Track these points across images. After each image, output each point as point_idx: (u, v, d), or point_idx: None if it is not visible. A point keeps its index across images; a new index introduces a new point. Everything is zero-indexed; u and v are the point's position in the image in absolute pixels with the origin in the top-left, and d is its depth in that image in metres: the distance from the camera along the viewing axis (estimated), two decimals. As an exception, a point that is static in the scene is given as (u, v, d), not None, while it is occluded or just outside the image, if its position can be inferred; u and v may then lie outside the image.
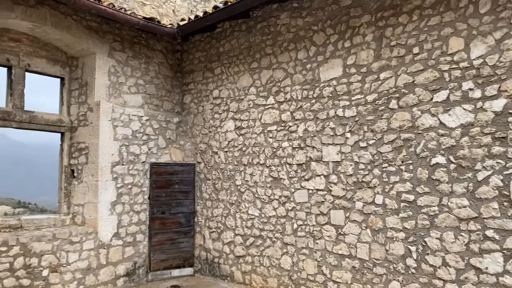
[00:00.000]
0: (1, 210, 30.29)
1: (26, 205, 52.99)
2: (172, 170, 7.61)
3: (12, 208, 37.00)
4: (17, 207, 52.89)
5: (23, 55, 6.42)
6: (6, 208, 34.58)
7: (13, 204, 57.18)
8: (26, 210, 48.77)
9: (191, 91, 8.00)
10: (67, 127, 6.95)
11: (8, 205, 43.76)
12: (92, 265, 6.42)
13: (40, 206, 51.81)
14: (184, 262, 7.61)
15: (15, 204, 55.24)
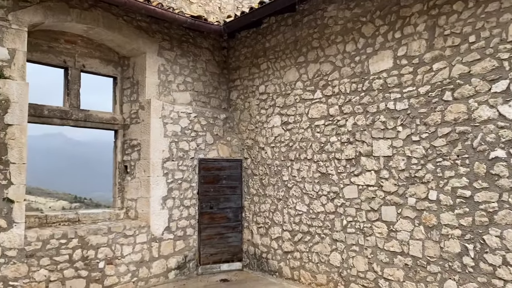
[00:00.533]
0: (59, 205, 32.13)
1: (82, 200, 55.71)
2: (219, 166, 7.71)
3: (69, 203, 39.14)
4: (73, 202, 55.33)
5: (78, 56, 6.72)
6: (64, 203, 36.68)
7: (70, 199, 60.36)
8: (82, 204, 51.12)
9: (237, 87, 8.06)
10: (120, 124, 7.21)
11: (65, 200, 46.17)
12: (145, 258, 6.63)
13: (95, 201, 54.28)
14: (232, 256, 7.70)
15: (72, 199, 58.24)
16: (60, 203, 55.23)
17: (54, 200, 57.96)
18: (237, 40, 8.06)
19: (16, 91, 5.41)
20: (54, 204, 53.51)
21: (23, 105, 5.47)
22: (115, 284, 6.22)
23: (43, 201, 55.76)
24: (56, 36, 6.44)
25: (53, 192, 66.02)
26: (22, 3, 5.55)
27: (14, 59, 5.44)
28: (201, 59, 7.77)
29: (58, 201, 57.37)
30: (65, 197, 61.80)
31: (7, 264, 5.20)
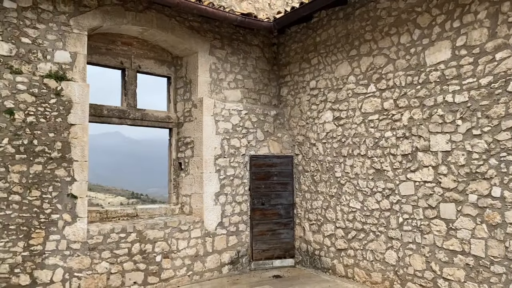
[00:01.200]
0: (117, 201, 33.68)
1: (139, 196, 58.00)
2: (270, 162, 7.73)
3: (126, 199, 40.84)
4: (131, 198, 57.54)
5: (134, 57, 6.97)
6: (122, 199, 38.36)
7: (127, 195, 62.97)
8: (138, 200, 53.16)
9: (287, 83, 8.03)
10: (175, 123, 7.42)
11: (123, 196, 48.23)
12: (199, 252, 6.79)
13: (151, 197, 56.31)
14: (284, 253, 7.70)
15: (129, 195, 60.77)
16: (119, 199, 57.90)
17: (113, 196, 60.81)
18: (287, 36, 8.02)
19: (77, 92, 5.71)
20: (113, 200, 56.14)
21: (85, 106, 5.76)
22: (171, 278, 6.42)
23: (103, 197, 58.66)
24: (113, 39, 6.72)
25: (112, 188, 69.26)
26: (82, 8, 5.84)
27: (76, 61, 5.74)
28: (251, 56, 7.81)
29: (117, 197, 60.14)
30: (123, 193, 64.66)
31: (72, 256, 5.51)
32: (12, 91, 5.23)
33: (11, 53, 5.25)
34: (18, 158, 5.22)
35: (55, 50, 5.58)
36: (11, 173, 5.16)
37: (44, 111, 5.45)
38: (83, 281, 5.58)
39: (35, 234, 5.27)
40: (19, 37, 5.32)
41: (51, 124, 5.49)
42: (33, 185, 5.30)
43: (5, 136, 5.15)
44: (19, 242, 5.15)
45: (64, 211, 5.51)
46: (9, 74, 5.22)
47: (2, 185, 5.09)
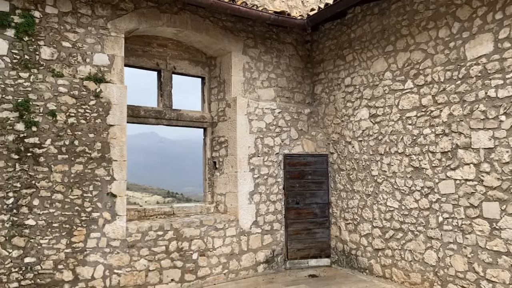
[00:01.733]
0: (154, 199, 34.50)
1: (174, 194, 59.10)
2: (304, 161, 7.67)
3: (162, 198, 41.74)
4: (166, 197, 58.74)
5: (169, 58, 7.09)
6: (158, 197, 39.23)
7: (163, 194, 64.24)
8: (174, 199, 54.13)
9: (321, 80, 7.94)
10: (209, 122, 7.49)
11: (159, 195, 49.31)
12: (234, 250, 6.83)
13: (186, 196, 57.23)
14: (320, 252, 7.63)
15: (165, 194, 61.99)
16: (155, 198, 59.24)
17: (150, 195, 62.23)
18: (321, 33, 7.94)
19: (116, 94, 5.86)
20: (149, 199, 57.47)
21: (123, 107, 5.91)
22: (207, 275, 6.49)
23: (140, 195, 60.12)
24: (149, 41, 6.86)
25: (148, 187, 70.89)
26: (119, 11, 5.98)
27: (113, 64, 5.89)
28: (284, 55, 7.78)
29: (153, 196, 61.55)
30: (159, 192, 66.08)
31: (111, 253, 5.67)
32: (54, 94, 5.43)
33: (53, 57, 5.45)
34: (60, 158, 5.42)
35: (94, 53, 5.75)
36: (54, 173, 5.36)
37: (84, 113, 5.63)
38: (122, 278, 5.72)
39: (76, 231, 5.46)
40: (60, 41, 5.51)
41: (91, 125, 5.66)
42: (75, 184, 5.49)
43: (48, 137, 5.35)
44: (62, 239, 5.35)
45: (104, 209, 5.67)
46: (51, 77, 5.42)
47: (46, 184, 5.30)
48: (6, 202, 5.05)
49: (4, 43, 5.14)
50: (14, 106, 5.16)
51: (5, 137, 5.09)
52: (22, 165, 5.17)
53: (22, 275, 5.08)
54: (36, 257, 5.17)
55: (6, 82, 5.13)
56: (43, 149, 5.31)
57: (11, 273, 5.02)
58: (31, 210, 5.18)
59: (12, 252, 5.04)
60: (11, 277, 5.02)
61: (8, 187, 5.07)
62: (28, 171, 5.20)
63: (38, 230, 5.20)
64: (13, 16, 5.19)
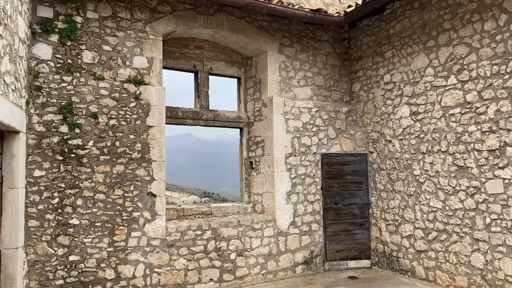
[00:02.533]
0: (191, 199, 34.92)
1: (210, 195, 59.69)
2: (343, 161, 7.53)
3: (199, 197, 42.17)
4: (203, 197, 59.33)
5: (206, 60, 7.14)
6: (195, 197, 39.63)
7: (200, 194, 65.14)
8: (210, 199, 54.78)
9: (359, 78, 7.78)
10: (245, 122, 7.49)
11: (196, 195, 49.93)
12: (272, 251, 6.79)
13: (222, 196, 57.75)
14: (360, 254, 7.47)
15: (201, 194, 62.73)
16: (192, 198, 60.01)
17: (187, 195, 63.10)
18: (358, 30, 7.77)
19: (155, 96, 5.95)
20: (186, 199, 58.28)
21: (161, 108, 5.99)
22: (245, 275, 6.48)
23: (177, 195, 61.08)
24: (186, 43, 6.93)
25: (186, 187, 71.92)
26: (156, 14, 6.07)
27: (152, 66, 5.99)
28: (321, 53, 7.67)
29: (190, 196, 62.36)
30: (196, 192, 66.89)
31: (152, 252, 5.75)
32: (95, 96, 5.57)
33: (94, 60, 5.60)
34: (102, 159, 5.56)
35: (133, 56, 5.87)
36: (96, 173, 5.50)
37: (125, 114, 5.75)
38: (162, 277, 5.80)
39: (118, 230, 5.58)
40: (101, 45, 5.65)
41: (131, 127, 5.77)
42: (116, 185, 5.61)
43: (91, 138, 5.50)
44: (104, 238, 5.48)
45: (144, 209, 5.77)
46: (93, 80, 5.57)
47: (89, 185, 5.45)
48: (52, 202, 5.23)
49: (49, 48, 5.33)
50: (58, 109, 5.34)
51: (50, 139, 5.27)
52: (66, 166, 5.34)
53: (67, 272, 5.24)
54: (80, 255, 5.33)
55: (50, 86, 5.32)
56: (86, 150, 5.47)
57: (57, 270, 5.19)
58: (75, 209, 5.34)
59: (58, 250, 5.22)
60: (57, 274, 5.19)
61: (53, 187, 5.25)
62: (72, 171, 5.37)
63: (81, 229, 5.36)
64: (56, 22, 5.37)
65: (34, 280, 5.07)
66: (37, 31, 5.23)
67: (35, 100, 5.22)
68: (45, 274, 5.13)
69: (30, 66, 5.19)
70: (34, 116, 5.20)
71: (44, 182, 5.21)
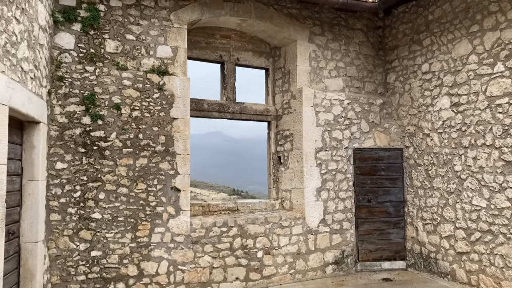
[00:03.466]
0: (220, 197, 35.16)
1: (239, 192, 59.72)
2: (377, 156, 7.12)
3: (228, 195, 42.44)
4: (232, 194, 59.96)
5: (233, 50, 6.87)
6: (224, 195, 39.96)
7: (229, 191, 65.47)
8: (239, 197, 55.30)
9: (395, 68, 7.33)
10: (273, 115, 7.18)
11: (225, 193, 50.41)
12: (301, 250, 6.46)
13: (250, 194, 57.69)
14: (394, 254, 7.04)
15: (230, 192, 62.95)
16: (221, 195, 60.22)
17: (216, 192, 63.40)
18: (394, 17, 7.32)
19: (179, 86, 5.73)
20: (216, 196, 58.56)
21: (186, 100, 5.77)
22: (273, 275, 6.18)
23: (207, 193, 61.48)
24: (212, 32, 6.69)
25: (215, 185, 72.29)
26: (181, 2, 5.85)
27: (177, 56, 5.77)
28: (353, 42, 7.26)
29: (219, 193, 62.63)
30: (225, 190, 67.09)
31: (176, 249, 5.54)
32: (118, 87, 5.40)
33: (117, 50, 5.43)
34: (125, 152, 5.38)
35: (157, 45, 5.66)
36: (119, 166, 5.33)
37: (148, 106, 5.55)
38: (186, 274, 5.58)
39: (141, 226, 5.39)
40: (124, 34, 5.47)
41: (155, 118, 5.57)
42: (139, 178, 5.43)
43: (113, 130, 5.33)
44: (127, 233, 5.30)
45: (168, 204, 5.56)
46: (116, 70, 5.40)
47: (111, 178, 5.28)
48: (74, 196, 5.09)
49: (71, 38, 5.19)
50: (81, 100, 5.19)
51: (72, 131, 5.13)
52: (89, 159, 5.19)
53: (89, 268, 5.09)
54: (102, 250, 5.17)
55: (73, 76, 5.18)
56: (109, 142, 5.30)
57: (79, 266, 5.05)
58: (97, 203, 5.19)
59: (80, 245, 5.07)
60: (79, 270, 5.05)
61: (75, 180, 5.11)
62: (94, 164, 5.21)
63: (104, 224, 5.20)
64: (79, 10, 5.22)
65: (56, 276, 4.94)
66: (59, 20, 5.09)
67: (57, 91, 5.09)
68: (67, 269, 5.00)
69: (52, 55, 5.06)
70: (56, 107, 5.07)
71: (66, 175, 5.07)
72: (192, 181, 54.51)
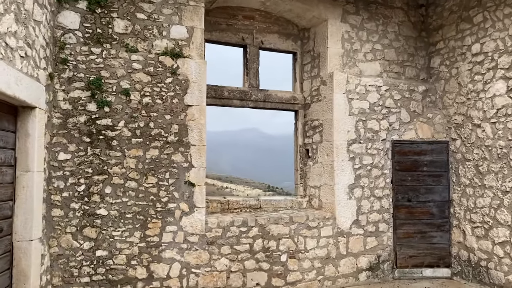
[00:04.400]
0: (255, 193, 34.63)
1: (274, 189, 59.22)
2: (418, 149, 6.33)
3: (263, 191, 42.06)
4: (267, 191, 59.70)
5: (256, 32, 6.27)
6: (259, 191, 39.48)
7: (264, 187, 65.15)
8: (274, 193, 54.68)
9: (440, 51, 6.48)
10: (301, 104, 6.51)
11: (260, 189, 50.23)
12: (331, 254, 5.79)
13: (285, 191, 57.06)
14: (437, 261, 6.25)
15: (265, 188, 62.63)
16: (256, 191, 59.88)
17: (251, 188, 63.21)
18: (439, -7, 6.47)
19: (194, 70, 5.18)
20: (251, 192, 58.34)
21: (202, 85, 5.22)
22: (298, 281, 5.54)
23: (242, 189, 61.39)
24: (234, 13, 6.11)
25: (250, 181, 72.17)
26: (197, -23, 5.28)
27: (192, 37, 5.23)
28: (392, 22, 6.48)
29: (254, 190, 62.37)
30: (260, 186, 66.81)
31: (189, 250, 5.01)
32: (127, 71, 4.91)
33: (127, 30, 4.94)
34: (134, 142, 4.89)
35: (171, 25, 5.13)
36: (127, 158, 4.85)
37: (160, 92, 5.04)
38: (201, 279, 5.04)
39: (151, 224, 4.89)
40: (134, 13, 4.98)
41: (167, 106, 5.05)
42: (150, 171, 4.93)
43: (121, 118, 4.85)
44: (135, 232, 4.82)
45: (181, 199, 5.03)
46: (125, 52, 4.91)
47: (119, 171, 4.80)
48: (78, 189, 4.65)
49: (76, 16, 4.74)
50: (86, 85, 4.74)
51: (76, 118, 4.69)
52: (94, 149, 4.74)
53: (93, 269, 4.64)
54: (108, 250, 4.71)
55: (77, 58, 4.73)
56: (116, 131, 4.83)
57: (82, 266, 4.61)
58: (103, 198, 4.73)
59: (84, 244, 4.63)
60: (82, 271, 4.61)
61: (80, 172, 4.66)
62: (100, 155, 4.75)
63: (110, 221, 4.73)
64: (84, -14, 4.75)
65: (57, 276, 4.52)
66: (63, -4, 4.64)
67: (61, 75, 4.65)
68: (69, 270, 4.57)
69: (55, 36, 4.62)
70: (59, 92, 4.64)
71: (70, 167, 4.63)
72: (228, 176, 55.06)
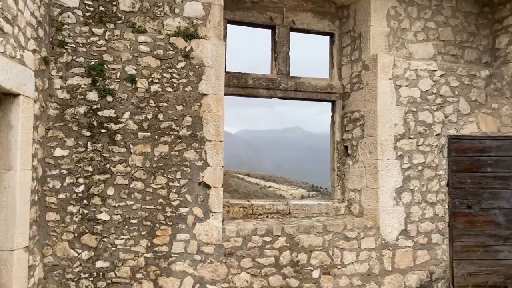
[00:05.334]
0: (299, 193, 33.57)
1: (318, 189, 58.07)
2: (481, 146, 5.34)
3: (307, 191, 41.04)
4: (311, 191, 58.78)
5: (287, 10, 5.47)
6: (302, 191, 38.45)
7: (307, 187, 63.99)
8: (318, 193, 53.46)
9: (507, 29, 5.43)
10: (339, 93, 5.64)
11: (304, 189, 49.32)
12: (373, 270, 4.90)
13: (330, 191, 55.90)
14: (504, 280, 5.28)
15: (309, 188, 61.59)
16: (300, 191, 59.09)
17: (295, 188, 62.41)
18: (507, -42, 5.40)
19: (211, 53, 4.48)
20: (294, 192, 57.65)
21: (219, 70, 4.50)
22: (334, 301, 4.70)
23: (285, 188, 60.75)
24: (260, -11, 5.34)
25: (294, 181, 71.34)
26: None
27: (209, 15, 4.53)
28: (449, -5, 5.48)
29: (298, 189, 61.54)
30: (304, 186, 65.79)
31: (203, 262, 4.31)
32: (134, 54, 4.28)
33: (134, 8, 4.32)
34: (141, 137, 4.25)
35: (184, 1, 4.46)
36: (133, 155, 4.22)
37: (171, 78, 4.37)
38: (217, 296, 4.31)
39: (160, 231, 4.24)
40: (144, -13, 4.32)
41: (179, 94, 4.37)
42: (158, 170, 4.27)
43: (126, 109, 4.23)
44: (141, 240, 4.18)
45: (195, 203, 4.34)
46: (131, 33, 4.29)
47: (123, 169, 4.18)
48: (76, 190, 4.07)
49: (76, -7, 4.14)
50: (86, 70, 4.15)
51: (75, 109, 4.12)
52: (95, 144, 4.14)
53: (92, 282, 4.05)
54: (109, 261, 4.10)
55: (77, 40, 4.15)
56: (120, 124, 4.21)
57: (80, 279, 4.03)
58: (104, 201, 4.13)
59: (82, 253, 4.05)
60: (80, 284, 4.02)
61: (78, 171, 4.08)
62: (102, 152, 4.15)
63: (112, 227, 4.12)
64: (84, -42, 4.15)
65: (52, 290, 3.95)
66: (59, -31, 4.06)
67: (58, 59, 4.09)
68: (66, 283, 4.00)
69: (52, 15, 4.07)
70: (56, 80, 4.08)
71: (67, 165, 4.06)
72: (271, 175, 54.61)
